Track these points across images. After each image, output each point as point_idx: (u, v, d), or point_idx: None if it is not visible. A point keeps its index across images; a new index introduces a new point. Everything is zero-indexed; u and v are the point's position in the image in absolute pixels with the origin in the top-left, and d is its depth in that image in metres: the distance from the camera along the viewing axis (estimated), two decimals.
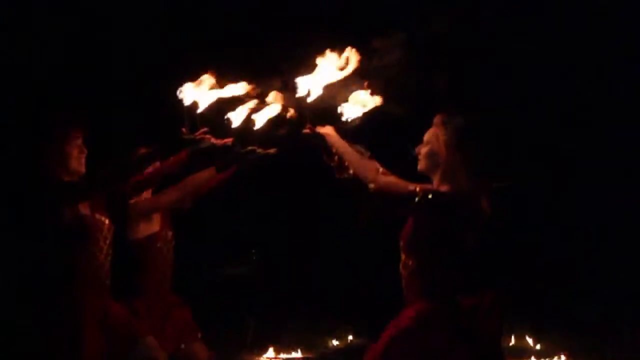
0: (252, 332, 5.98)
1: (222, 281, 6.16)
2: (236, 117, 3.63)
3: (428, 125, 3.36)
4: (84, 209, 3.62)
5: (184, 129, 3.62)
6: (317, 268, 6.21)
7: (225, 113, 3.62)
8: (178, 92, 3.56)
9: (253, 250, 6.20)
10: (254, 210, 6.30)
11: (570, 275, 6.02)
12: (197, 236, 5.85)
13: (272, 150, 3.75)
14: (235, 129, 3.64)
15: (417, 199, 3.15)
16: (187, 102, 3.57)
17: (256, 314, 6.07)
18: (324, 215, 6.08)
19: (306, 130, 3.49)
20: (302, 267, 6.20)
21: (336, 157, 3.42)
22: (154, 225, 4.15)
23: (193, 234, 5.77)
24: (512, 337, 6.22)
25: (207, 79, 3.62)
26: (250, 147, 3.74)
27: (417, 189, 3.18)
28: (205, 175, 4.07)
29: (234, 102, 3.68)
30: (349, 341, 6.47)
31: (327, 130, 3.51)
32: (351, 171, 3.37)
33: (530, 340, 6.19)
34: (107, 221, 3.70)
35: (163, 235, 4.18)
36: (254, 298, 6.12)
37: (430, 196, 3.16)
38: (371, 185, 3.28)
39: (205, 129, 3.64)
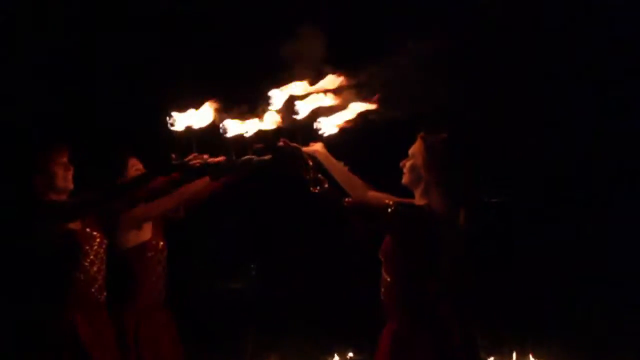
0: (252, 346, 5.95)
1: (221, 295, 6.15)
2: (231, 127, 3.63)
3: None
4: (74, 224, 3.65)
5: (173, 155, 3.64)
6: (318, 282, 6.19)
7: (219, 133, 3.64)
8: (168, 119, 3.56)
9: (252, 265, 6.19)
10: (253, 222, 6.30)
11: (571, 288, 5.98)
12: (196, 249, 5.86)
13: (267, 157, 3.71)
14: (230, 138, 3.64)
15: (388, 212, 3.16)
16: (178, 128, 3.58)
17: (255, 328, 6.05)
18: (325, 228, 6.06)
19: (280, 144, 3.49)
20: (303, 281, 6.19)
21: (312, 172, 3.40)
22: (145, 234, 4.12)
23: (192, 246, 5.81)
24: (514, 354, 6.18)
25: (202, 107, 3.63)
26: (246, 157, 3.73)
27: (391, 202, 3.20)
28: (199, 184, 4.06)
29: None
30: (349, 357, 6.44)
31: (317, 147, 3.55)
32: (326, 185, 3.36)
33: (531, 356, 6.14)
34: (98, 236, 3.71)
35: (154, 245, 4.14)
36: (253, 312, 6.09)
37: (400, 209, 3.18)
38: (346, 199, 3.29)
39: (194, 154, 3.66)
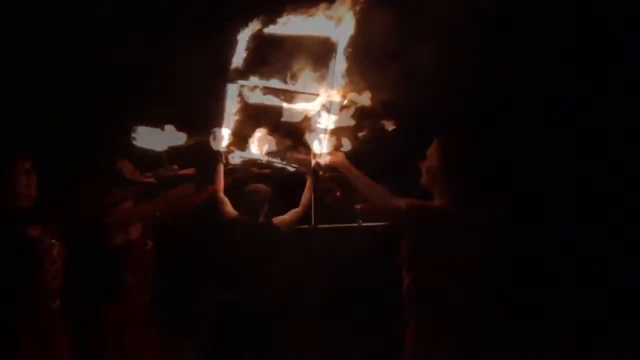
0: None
1: (221, 305, 6.08)
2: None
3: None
4: (35, 231, 3.63)
5: (124, 169, 3.68)
6: (318, 292, 6.15)
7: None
8: (132, 134, 3.63)
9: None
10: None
11: (578, 295, 5.99)
12: (195, 260, 5.81)
13: (266, 171, 3.79)
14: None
15: (401, 216, 3.18)
16: (143, 144, 3.65)
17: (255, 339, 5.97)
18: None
19: (290, 153, 3.57)
20: (302, 290, 6.13)
21: (323, 182, 3.43)
22: (132, 234, 4.12)
23: (191, 258, 5.75)
24: None
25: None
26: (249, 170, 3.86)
27: (404, 206, 3.20)
28: (183, 191, 4.07)
29: None
30: None
31: (338, 157, 3.55)
32: (337, 194, 3.38)
33: None
34: (57, 244, 3.70)
35: (141, 245, 4.14)
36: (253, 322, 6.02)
37: (413, 213, 3.18)
38: (360, 206, 3.35)
39: (148, 174, 3.72)
